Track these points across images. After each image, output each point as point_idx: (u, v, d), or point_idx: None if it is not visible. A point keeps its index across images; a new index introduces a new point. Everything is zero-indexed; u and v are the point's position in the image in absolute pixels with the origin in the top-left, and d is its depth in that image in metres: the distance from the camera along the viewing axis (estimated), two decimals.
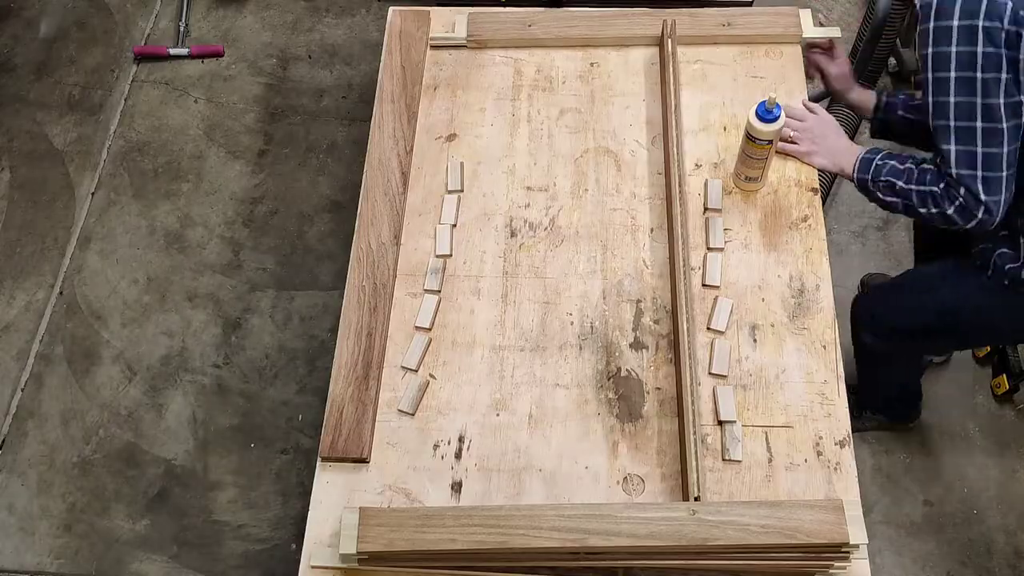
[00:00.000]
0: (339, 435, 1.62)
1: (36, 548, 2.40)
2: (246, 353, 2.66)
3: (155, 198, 2.93)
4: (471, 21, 2.08)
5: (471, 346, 1.73)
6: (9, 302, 2.77)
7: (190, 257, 2.82)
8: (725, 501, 1.55)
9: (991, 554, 2.32)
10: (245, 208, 2.91)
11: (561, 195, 1.90)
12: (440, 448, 1.63)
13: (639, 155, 1.94)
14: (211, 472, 2.49)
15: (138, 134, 3.06)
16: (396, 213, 1.86)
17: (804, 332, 1.72)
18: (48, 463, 2.51)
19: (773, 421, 1.63)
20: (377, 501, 1.58)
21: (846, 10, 3.26)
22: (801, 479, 1.57)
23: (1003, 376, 2.52)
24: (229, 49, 3.23)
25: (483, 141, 1.97)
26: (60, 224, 2.90)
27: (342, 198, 2.91)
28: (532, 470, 1.60)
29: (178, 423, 2.56)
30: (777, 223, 1.83)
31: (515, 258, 1.83)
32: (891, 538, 2.34)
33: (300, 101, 3.12)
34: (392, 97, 2.01)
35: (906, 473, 2.42)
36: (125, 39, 3.27)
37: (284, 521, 2.42)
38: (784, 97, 1.95)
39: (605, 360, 1.71)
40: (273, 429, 2.55)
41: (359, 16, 3.32)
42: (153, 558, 2.38)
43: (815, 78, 2.07)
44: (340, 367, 1.69)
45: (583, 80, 2.04)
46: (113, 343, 2.69)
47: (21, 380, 2.64)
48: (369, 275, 1.79)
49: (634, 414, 1.65)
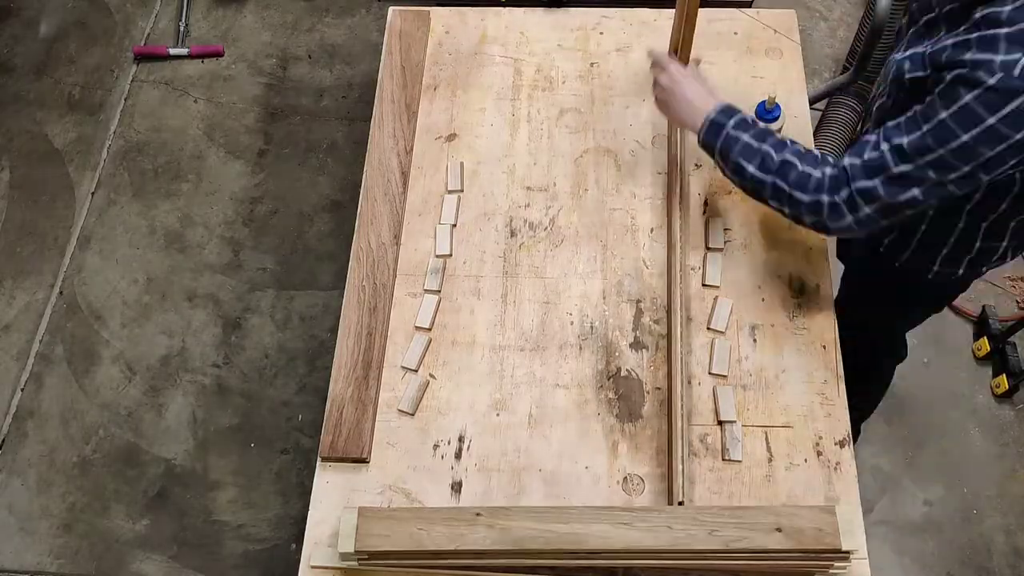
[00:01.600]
0: (339, 435, 1.62)
1: (36, 548, 2.40)
2: (246, 353, 2.66)
3: (155, 198, 2.93)
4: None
5: (471, 346, 1.73)
6: (9, 302, 2.77)
7: (190, 257, 2.82)
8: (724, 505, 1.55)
9: (991, 554, 2.32)
10: (245, 208, 2.91)
11: (561, 195, 1.90)
12: (440, 448, 1.63)
13: (639, 155, 1.94)
14: (211, 472, 2.49)
15: (138, 134, 3.06)
16: (396, 213, 1.86)
17: (804, 332, 1.72)
18: (48, 463, 2.51)
19: (773, 421, 1.63)
20: (377, 501, 1.58)
21: (846, 10, 3.26)
22: (801, 479, 1.57)
23: (1003, 376, 2.52)
24: (229, 49, 3.23)
25: (483, 141, 1.97)
26: (60, 224, 2.90)
27: (342, 198, 2.91)
28: (532, 470, 1.60)
29: (178, 423, 2.56)
30: (777, 223, 1.83)
31: (515, 258, 1.83)
32: (891, 538, 2.34)
33: (300, 101, 3.12)
34: (392, 97, 2.01)
35: (906, 473, 2.42)
36: (125, 39, 3.27)
37: (284, 521, 2.42)
38: (784, 97, 1.94)
39: (605, 360, 1.71)
40: (273, 429, 2.55)
41: (359, 16, 3.32)
42: (153, 558, 2.38)
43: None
44: (340, 367, 1.69)
45: (583, 80, 2.04)
46: (113, 343, 2.69)
47: (21, 380, 2.64)
48: (369, 275, 1.79)
49: (634, 414, 1.65)
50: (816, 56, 3.14)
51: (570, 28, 2.12)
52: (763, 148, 1.51)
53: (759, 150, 1.51)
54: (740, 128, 1.54)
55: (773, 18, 2.10)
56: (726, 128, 1.55)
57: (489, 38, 2.11)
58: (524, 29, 2.12)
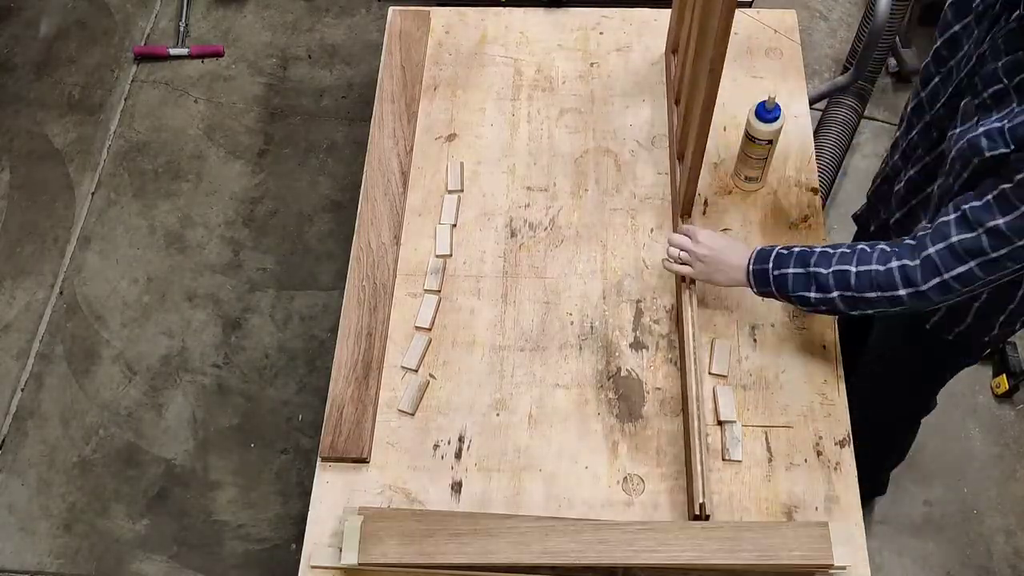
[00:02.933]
0: (339, 435, 1.62)
1: (36, 548, 2.40)
2: (246, 353, 2.66)
3: (155, 198, 2.93)
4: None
5: (471, 346, 1.73)
6: (9, 302, 2.77)
7: (190, 257, 2.83)
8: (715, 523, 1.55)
9: (991, 554, 2.32)
10: (245, 208, 2.91)
11: (561, 195, 1.90)
12: (440, 448, 1.63)
13: (639, 155, 1.94)
14: (211, 472, 2.49)
15: (138, 134, 3.06)
16: (396, 213, 1.86)
17: (804, 332, 1.72)
18: (48, 463, 2.51)
19: (773, 421, 1.63)
20: (377, 501, 1.58)
21: (846, 10, 3.26)
22: (801, 479, 1.57)
23: (1003, 376, 2.52)
24: (229, 49, 3.23)
25: (483, 141, 1.97)
26: (60, 224, 2.90)
27: (342, 198, 2.91)
28: (532, 470, 1.60)
29: (178, 423, 2.56)
30: (777, 223, 1.83)
31: (515, 258, 1.83)
32: (891, 538, 2.34)
33: (300, 101, 3.12)
34: (392, 97, 2.01)
35: (906, 473, 2.41)
36: (125, 39, 3.27)
37: (284, 521, 2.42)
38: (784, 97, 1.94)
39: (605, 360, 1.71)
40: (273, 429, 2.55)
41: (359, 16, 3.32)
42: (153, 558, 2.38)
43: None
44: (340, 367, 1.69)
45: (583, 80, 2.04)
46: (113, 343, 2.69)
47: (21, 380, 2.64)
48: (369, 275, 1.79)
49: (634, 414, 1.65)
50: (816, 56, 3.14)
51: (570, 28, 2.12)
52: (811, 271, 1.49)
53: (808, 274, 1.49)
54: (781, 265, 1.52)
55: (773, 18, 2.10)
56: (769, 272, 1.53)
57: (489, 38, 2.11)
58: (524, 29, 2.12)
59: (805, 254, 1.51)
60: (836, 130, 2.71)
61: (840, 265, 1.47)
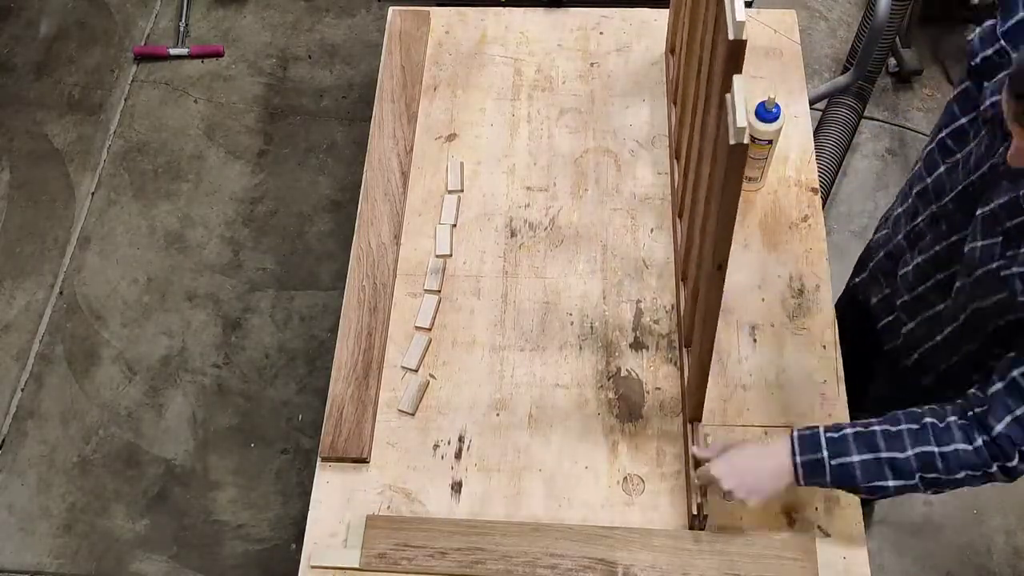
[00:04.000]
0: (339, 435, 1.62)
1: (36, 548, 2.40)
2: (246, 353, 2.66)
3: (155, 198, 2.93)
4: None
5: (471, 346, 1.73)
6: (9, 302, 2.77)
7: (190, 257, 2.83)
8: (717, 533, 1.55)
9: (991, 554, 2.32)
10: (245, 208, 2.91)
11: (561, 195, 1.90)
12: (440, 448, 1.63)
13: (639, 155, 1.94)
14: (211, 472, 2.49)
15: (138, 134, 3.06)
16: (396, 213, 1.86)
17: (804, 332, 1.72)
18: (48, 463, 2.51)
19: (773, 421, 1.63)
20: (377, 501, 1.58)
21: (846, 10, 3.26)
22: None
23: None
24: (229, 49, 3.23)
25: (483, 141, 1.97)
26: (60, 224, 2.90)
27: (342, 198, 2.91)
28: (532, 470, 1.60)
29: (178, 423, 2.56)
30: (777, 223, 1.83)
31: (515, 258, 1.83)
32: (891, 538, 2.34)
33: (300, 101, 3.12)
34: (392, 97, 2.01)
35: None
36: (125, 39, 3.27)
37: (284, 521, 2.42)
38: (784, 97, 1.94)
39: (605, 360, 1.71)
40: (273, 429, 2.55)
41: (359, 16, 3.32)
42: (153, 558, 2.38)
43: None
44: (340, 367, 1.69)
45: (583, 80, 2.04)
46: (113, 343, 2.69)
47: (21, 380, 2.64)
48: (369, 275, 1.79)
49: (634, 414, 1.65)
50: (816, 56, 3.14)
51: (570, 28, 2.12)
52: (883, 456, 1.34)
53: (879, 461, 1.34)
54: (840, 453, 1.36)
55: (773, 18, 2.09)
56: (825, 463, 1.36)
57: (489, 38, 2.11)
58: (524, 29, 2.12)
59: (868, 437, 1.36)
60: (836, 130, 2.71)
61: (920, 447, 1.33)
